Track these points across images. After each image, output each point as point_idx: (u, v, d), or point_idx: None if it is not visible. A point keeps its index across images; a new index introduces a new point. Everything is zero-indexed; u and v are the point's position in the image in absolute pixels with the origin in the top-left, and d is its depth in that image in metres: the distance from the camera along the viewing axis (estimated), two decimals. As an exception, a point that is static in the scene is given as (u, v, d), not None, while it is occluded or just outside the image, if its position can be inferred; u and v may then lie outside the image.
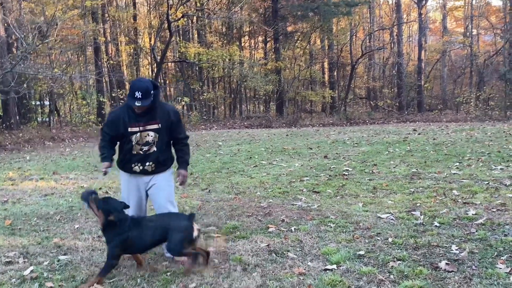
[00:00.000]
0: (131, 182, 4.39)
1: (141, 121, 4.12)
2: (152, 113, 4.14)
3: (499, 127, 16.36)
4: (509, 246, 4.21)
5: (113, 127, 4.21)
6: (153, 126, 4.15)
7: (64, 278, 4.03)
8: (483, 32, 36.31)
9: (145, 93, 3.95)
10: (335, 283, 3.63)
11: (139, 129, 4.13)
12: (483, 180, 7.11)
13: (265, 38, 29.89)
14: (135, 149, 4.19)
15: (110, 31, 24.80)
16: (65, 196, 7.34)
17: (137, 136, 4.15)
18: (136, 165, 4.25)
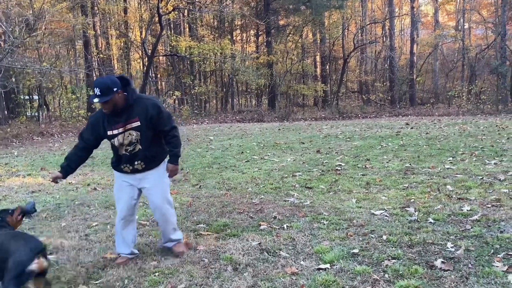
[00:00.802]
0: (123, 181, 4.21)
1: (119, 122, 3.95)
2: (129, 111, 3.95)
3: (491, 121, 16.36)
4: (506, 243, 4.12)
5: (93, 131, 4.07)
6: (133, 124, 3.96)
7: (49, 278, 3.88)
8: (475, 26, 36.35)
9: (103, 90, 3.75)
10: (328, 283, 3.53)
11: (119, 130, 3.97)
12: (477, 175, 7.03)
13: (257, 31, 29.70)
14: (120, 150, 4.06)
15: (100, 24, 24.48)
16: (53, 193, 7.18)
17: (118, 138, 3.99)
18: (126, 166, 4.11)
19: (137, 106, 3.97)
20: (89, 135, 4.10)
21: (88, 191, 7.24)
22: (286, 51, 27.94)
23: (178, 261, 4.14)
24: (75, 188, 7.42)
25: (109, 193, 6.97)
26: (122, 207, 4.22)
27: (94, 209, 6.07)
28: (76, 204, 6.39)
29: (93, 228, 5.24)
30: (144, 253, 4.39)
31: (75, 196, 6.85)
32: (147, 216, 5.61)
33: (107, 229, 5.18)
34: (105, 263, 4.18)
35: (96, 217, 5.72)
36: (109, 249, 4.54)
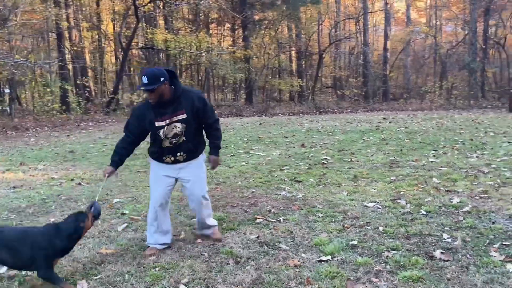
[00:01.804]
0: (161, 170, 4.23)
1: (166, 113, 3.98)
2: (175, 104, 3.99)
3: (466, 115, 16.76)
4: (499, 234, 4.23)
5: (139, 124, 4.07)
6: (179, 116, 4.00)
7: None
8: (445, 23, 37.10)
9: (151, 78, 3.80)
10: (332, 275, 3.55)
11: (166, 122, 3.99)
12: (461, 168, 7.19)
13: (233, 25, 29.57)
14: (165, 143, 4.07)
15: (73, 16, 23.93)
16: (36, 188, 7.00)
17: (164, 130, 4.01)
18: (168, 157, 4.14)
19: (183, 99, 4.01)
20: (135, 128, 4.10)
21: (72, 186, 7.09)
22: (262, 45, 27.92)
23: (178, 256, 4.09)
24: (59, 183, 7.26)
25: (95, 188, 6.85)
26: (158, 195, 4.21)
27: (82, 204, 5.94)
28: (62, 199, 6.24)
29: (84, 223, 5.12)
30: (141, 248, 4.32)
31: (60, 191, 6.70)
32: (138, 212, 5.53)
33: (98, 224, 5.07)
34: (101, 258, 4.09)
35: (85, 212, 5.60)
36: (104, 244, 4.46)
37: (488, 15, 26.69)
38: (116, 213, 5.48)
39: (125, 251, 4.27)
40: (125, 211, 5.53)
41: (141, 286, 3.54)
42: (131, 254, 4.19)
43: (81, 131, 15.72)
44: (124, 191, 6.61)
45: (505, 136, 10.44)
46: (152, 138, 4.16)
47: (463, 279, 3.39)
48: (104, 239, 4.61)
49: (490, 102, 23.46)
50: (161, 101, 3.95)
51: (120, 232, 4.80)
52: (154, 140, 4.14)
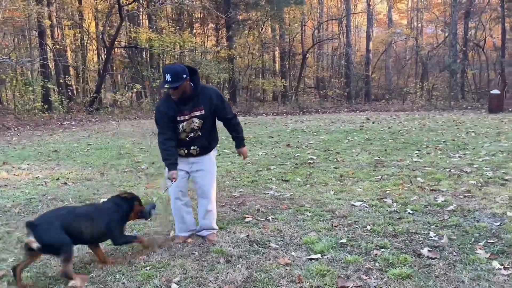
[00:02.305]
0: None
1: (186, 109, 4.15)
2: (194, 100, 4.16)
3: (447, 116, 17.04)
4: (484, 232, 4.34)
5: (168, 119, 4.18)
6: (197, 112, 4.18)
7: (34, 275, 3.78)
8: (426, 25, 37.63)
9: (174, 76, 3.93)
10: (323, 272, 3.60)
11: (185, 117, 4.17)
12: (445, 167, 7.33)
13: (217, 25, 29.50)
14: (181, 136, 4.24)
15: (56, 14, 23.60)
16: (21, 187, 6.90)
17: (183, 125, 4.19)
18: (182, 149, 4.31)
19: (202, 96, 4.18)
20: (166, 124, 4.19)
21: (58, 185, 7.02)
22: (246, 45, 27.94)
23: (168, 255, 4.10)
24: (44, 183, 7.17)
25: (81, 188, 6.80)
26: (174, 188, 4.35)
27: (68, 204, 5.89)
28: (48, 199, 6.18)
29: (72, 223, 5.08)
30: (131, 247, 4.31)
31: (46, 191, 6.62)
32: (126, 210, 5.49)
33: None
34: (91, 258, 4.08)
35: (72, 212, 5.56)
36: (92, 244, 4.43)
37: (468, 18, 27.14)
38: (104, 213, 5.44)
39: (115, 250, 4.27)
40: (113, 210, 5.49)
41: (132, 285, 3.55)
42: (121, 253, 4.19)
43: (64, 130, 15.54)
44: (111, 191, 6.56)
45: (486, 136, 10.66)
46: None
47: (451, 276, 3.47)
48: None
49: (470, 103, 23.86)
50: (182, 97, 4.10)
51: (109, 232, 4.77)
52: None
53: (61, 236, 3.52)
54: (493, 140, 10.03)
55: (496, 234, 4.27)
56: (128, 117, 20.66)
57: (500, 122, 13.97)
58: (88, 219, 3.78)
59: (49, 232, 3.50)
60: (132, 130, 14.97)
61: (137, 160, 8.99)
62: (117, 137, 12.96)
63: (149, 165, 8.47)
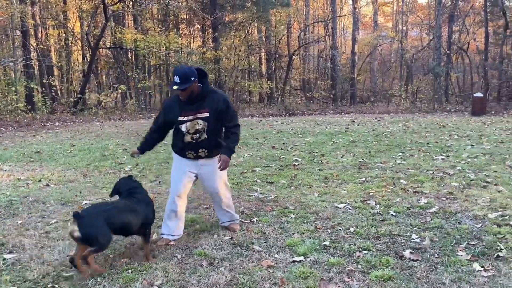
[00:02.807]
0: (184, 165, 4.46)
1: (191, 109, 4.24)
2: (201, 102, 4.25)
3: (431, 118, 17.20)
4: (465, 234, 4.38)
5: (166, 114, 4.37)
6: (202, 114, 4.25)
7: (13, 278, 3.73)
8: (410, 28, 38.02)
9: (182, 78, 4.04)
10: (306, 275, 3.60)
11: (189, 118, 4.25)
12: (428, 169, 7.40)
13: (203, 26, 29.44)
14: (187, 138, 4.31)
15: (39, 14, 23.32)
16: (1, 189, 6.79)
17: (187, 125, 4.27)
18: (190, 153, 4.38)
19: (209, 98, 4.26)
20: (162, 118, 4.39)
21: (40, 187, 6.92)
22: (233, 47, 27.91)
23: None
24: (26, 185, 7.07)
25: (63, 189, 6.72)
26: (181, 187, 4.44)
27: (50, 206, 5.82)
28: (30, 201, 6.09)
29: (53, 226, 5.03)
30: (113, 250, 4.27)
31: (27, 193, 6.53)
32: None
33: (67, 226, 4.97)
34: (72, 261, 4.03)
35: (53, 214, 5.50)
36: (74, 246, 4.36)
37: (452, 21, 27.48)
38: (86, 215, 5.38)
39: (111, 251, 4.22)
40: (95, 213, 5.44)
41: (114, 288, 3.51)
42: (103, 256, 4.13)
43: (47, 131, 15.35)
44: (94, 193, 6.50)
45: (469, 139, 10.78)
46: (175, 132, 4.41)
47: (432, 278, 3.50)
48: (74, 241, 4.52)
49: (454, 106, 24.13)
50: (190, 98, 4.20)
51: (90, 234, 4.72)
52: (177, 134, 4.38)
53: (100, 230, 3.70)
54: (476, 142, 10.15)
55: (477, 236, 4.32)
56: (113, 118, 20.50)
57: (483, 124, 14.15)
58: (131, 211, 3.97)
59: (91, 225, 3.67)
60: (116, 131, 14.84)
61: (121, 162, 8.92)
62: (101, 138, 12.84)
63: (132, 166, 8.41)
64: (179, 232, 4.53)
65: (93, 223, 3.69)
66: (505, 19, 25.16)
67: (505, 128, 12.91)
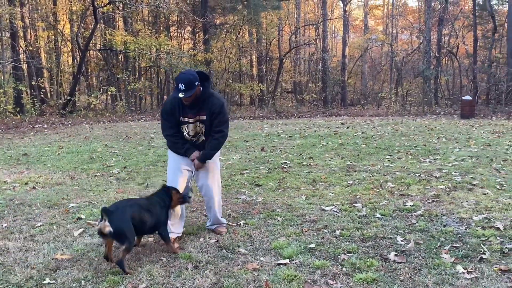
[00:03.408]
0: (178, 162, 4.56)
1: (191, 112, 4.34)
2: (200, 105, 4.33)
3: (420, 121, 17.30)
4: (450, 237, 4.42)
5: (173, 117, 4.39)
6: (201, 117, 4.37)
7: (-5, 282, 3.70)
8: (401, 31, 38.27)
9: (187, 85, 4.11)
10: (290, 278, 3.61)
11: (189, 120, 4.36)
12: (415, 172, 7.44)
13: (194, 29, 29.41)
14: (186, 138, 4.45)
15: (29, 15, 23.17)
16: (-13, 192, 6.74)
17: (188, 127, 4.40)
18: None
19: (208, 102, 4.34)
20: (173, 121, 4.41)
21: (26, 190, 6.87)
22: (224, 49, 27.90)
23: (136, 261, 4.06)
24: (12, 187, 7.02)
25: (50, 192, 6.68)
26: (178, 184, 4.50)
27: (36, 209, 5.78)
28: (16, 203, 6.04)
29: (38, 229, 4.99)
30: (98, 253, 4.25)
31: (13, 196, 6.48)
32: (95, 216, 5.42)
33: (53, 229, 4.96)
34: (57, 264, 4.01)
35: (39, 217, 5.46)
36: (59, 249, 4.36)
37: (441, 25, 27.70)
38: (72, 218, 5.37)
39: (81, 256, 4.20)
40: (81, 215, 5.42)
41: (98, 292, 3.50)
42: (88, 259, 4.12)
43: (35, 133, 15.24)
44: (80, 195, 6.47)
45: (457, 141, 10.86)
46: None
47: (416, 280, 3.52)
48: (59, 244, 4.51)
49: (443, 108, 24.29)
50: (193, 102, 4.30)
51: (76, 237, 4.71)
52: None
53: (128, 226, 3.81)
54: (463, 145, 10.23)
55: (461, 239, 4.35)
56: (102, 120, 20.39)
57: (471, 127, 14.26)
58: (148, 211, 4.07)
59: (122, 220, 3.78)
60: (105, 133, 14.77)
61: (109, 164, 8.87)
62: (89, 140, 12.77)
63: (120, 169, 8.38)
64: (178, 229, 4.60)
65: (122, 218, 3.80)
66: (493, 23, 25.43)
67: (492, 131, 13.02)
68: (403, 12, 38.36)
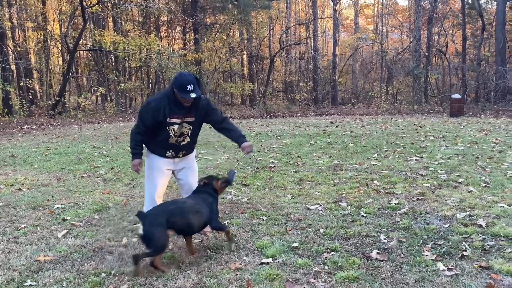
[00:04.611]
0: (161, 164, 4.53)
1: (179, 113, 4.30)
2: (190, 106, 4.32)
3: (409, 120, 17.40)
4: (432, 234, 4.44)
5: (154, 116, 4.26)
6: (189, 118, 4.36)
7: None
8: (391, 30, 38.45)
9: (195, 85, 4.14)
10: (272, 277, 3.62)
11: (177, 121, 4.32)
12: (401, 170, 7.48)
13: (184, 28, 29.36)
14: (171, 140, 4.39)
15: (17, 16, 23.00)
16: (-29, 194, 6.69)
17: (174, 128, 4.33)
18: (170, 152, 4.48)
19: (195, 104, 4.33)
20: (149, 120, 4.29)
21: (12, 191, 6.83)
22: (214, 49, 27.88)
23: (119, 262, 4.05)
24: (-3, 189, 6.97)
25: (36, 194, 6.64)
26: (160, 186, 4.59)
27: (21, 211, 5.75)
28: (0, 205, 6.00)
29: (22, 230, 4.96)
30: (81, 254, 4.23)
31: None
32: (80, 217, 5.40)
33: (37, 231, 4.93)
34: (39, 266, 3.99)
35: (24, 218, 5.42)
36: (42, 251, 4.34)
37: (431, 24, 27.85)
38: (57, 219, 5.34)
39: (64, 258, 4.18)
40: (66, 217, 5.40)
41: (79, 293, 3.49)
42: (70, 261, 4.10)
43: (24, 134, 15.15)
44: (66, 197, 6.44)
45: (444, 140, 10.94)
46: (159, 133, 4.35)
47: (396, 278, 3.54)
48: (43, 246, 4.49)
49: (433, 107, 24.45)
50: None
51: (60, 239, 4.68)
52: (161, 135, 4.36)
53: (161, 231, 3.78)
54: (450, 143, 10.30)
55: (444, 236, 4.38)
56: (92, 121, 20.31)
57: (459, 125, 14.36)
58: (196, 212, 4.05)
59: (153, 225, 3.76)
60: (94, 134, 14.71)
61: (96, 165, 8.84)
62: (78, 141, 12.72)
63: (108, 170, 8.35)
64: None
65: (154, 223, 3.78)
66: (482, 22, 25.61)
67: (480, 129, 13.12)
68: (393, 11, 38.54)
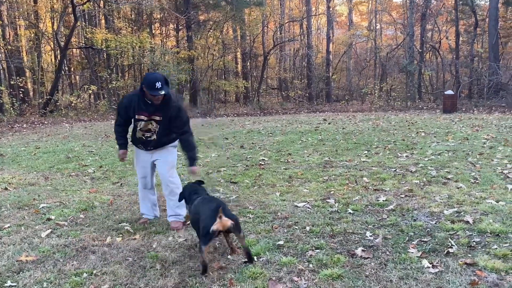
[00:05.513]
0: (139, 154, 4.95)
1: (147, 111, 4.58)
2: (159, 106, 4.54)
3: (401, 116, 17.40)
4: (419, 231, 4.42)
5: (126, 111, 4.67)
6: (156, 117, 4.60)
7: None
8: (385, 27, 38.43)
9: (164, 82, 4.37)
10: (255, 275, 3.58)
11: (144, 117, 4.60)
12: (391, 167, 7.46)
13: (177, 26, 29.22)
14: (138, 134, 4.73)
15: (7, 14, 22.82)
16: (-43, 194, 6.60)
17: (141, 124, 4.64)
18: (140, 146, 4.85)
19: (165, 104, 4.54)
20: (123, 114, 4.74)
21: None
22: (207, 46, 27.78)
23: (102, 261, 3.99)
24: (-17, 189, 6.89)
25: (22, 193, 6.57)
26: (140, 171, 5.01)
27: (5, 210, 5.68)
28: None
29: (6, 230, 4.89)
30: (64, 254, 4.17)
31: (-17, 197, 6.36)
32: (65, 217, 5.34)
33: (21, 231, 4.87)
34: (20, 266, 3.93)
35: (8, 218, 5.36)
36: (24, 251, 4.27)
37: (424, 20, 27.86)
38: (41, 219, 5.28)
39: (46, 258, 4.12)
40: (51, 216, 5.33)
41: (59, 294, 3.44)
42: (53, 261, 4.05)
43: (14, 133, 15.04)
44: (52, 196, 6.37)
45: (435, 136, 10.92)
46: (133, 125, 4.78)
47: (380, 275, 3.50)
48: (25, 245, 4.43)
49: (426, 103, 24.47)
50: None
51: (43, 239, 4.62)
52: (134, 128, 4.78)
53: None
54: (441, 139, 10.29)
55: (430, 233, 4.35)
56: (83, 119, 20.20)
57: (451, 122, 14.36)
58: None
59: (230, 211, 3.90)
60: (84, 132, 14.62)
61: (85, 164, 8.77)
62: (67, 140, 12.63)
63: (96, 168, 8.28)
64: (155, 213, 5.15)
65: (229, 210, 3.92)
66: (475, 18, 25.65)
67: (472, 125, 13.13)
68: (387, 7, 38.50)
